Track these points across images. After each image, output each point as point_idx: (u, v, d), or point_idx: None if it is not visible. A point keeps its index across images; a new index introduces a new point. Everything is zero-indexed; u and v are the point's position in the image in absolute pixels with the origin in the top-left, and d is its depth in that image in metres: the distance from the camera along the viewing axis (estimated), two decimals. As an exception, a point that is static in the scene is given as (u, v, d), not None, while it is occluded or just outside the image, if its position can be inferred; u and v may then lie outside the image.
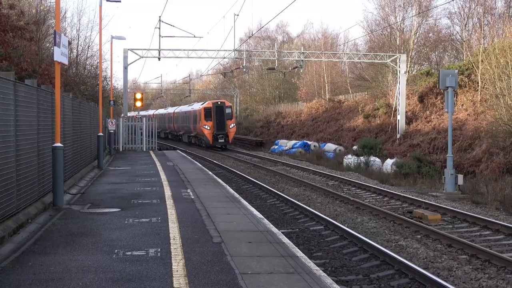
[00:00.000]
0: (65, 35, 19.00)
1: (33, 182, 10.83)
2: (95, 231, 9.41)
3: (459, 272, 9.65)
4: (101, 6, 24.03)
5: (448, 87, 19.44)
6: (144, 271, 6.93)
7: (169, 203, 12.46)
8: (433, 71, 37.75)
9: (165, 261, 7.41)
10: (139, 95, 34.86)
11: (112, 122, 30.45)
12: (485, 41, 34.73)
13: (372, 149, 31.78)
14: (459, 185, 19.17)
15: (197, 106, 46.77)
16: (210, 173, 20.50)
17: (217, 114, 42.04)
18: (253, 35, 59.26)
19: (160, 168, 21.73)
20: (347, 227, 12.78)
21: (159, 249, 8.03)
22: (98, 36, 55.52)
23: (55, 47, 11.74)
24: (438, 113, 34.50)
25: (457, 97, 32.13)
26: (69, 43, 28.23)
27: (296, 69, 43.94)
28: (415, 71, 42.95)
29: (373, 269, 9.74)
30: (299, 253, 8.12)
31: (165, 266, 7.17)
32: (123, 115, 36.61)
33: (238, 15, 35.08)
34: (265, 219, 10.90)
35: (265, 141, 48.94)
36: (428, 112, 35.79)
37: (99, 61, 27.16)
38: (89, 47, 39.85)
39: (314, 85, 54.53)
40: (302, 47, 44.36)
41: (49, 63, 22.06)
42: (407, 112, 36.43)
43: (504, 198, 17.08)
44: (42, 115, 11.66)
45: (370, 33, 47.57)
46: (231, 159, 34.48)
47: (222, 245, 8.39)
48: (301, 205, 15.85)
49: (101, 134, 23.68)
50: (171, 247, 8.16)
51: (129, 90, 45.18)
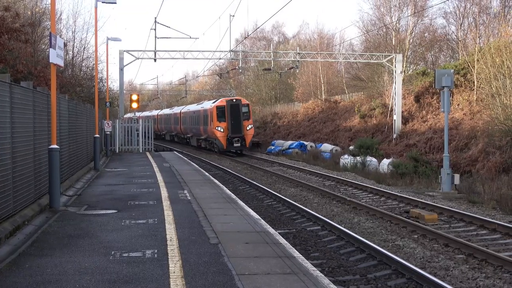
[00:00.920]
0: (60, 37, 18.99)
1: (29, 184, 10.81)
2: (92, 232, 9.41)
3: (456, 271, 9.67)
4: (96, 7, 24.01)
5: (444, 87, 19.48)
6: (141, 273, 6.93)
7: (166, 204, 12.46)
8: (429, 70, 37.82)
9: (162, 262, 7.42)
10: (135, 97, 34.97)
11: (108, 123, 30.46)
12: (481, 41, 34.84)
13: (368, 149, 31.82)
14: (456, 185, 19.21)
15: (208, 104, 41.24)
16: (206, 174, 20.51)
17: (232, 113, 36.83)
18: (248, 36, 59.32)
19: (156, 169, 21.73)
20: (344, 227, 12.81)
21: (156, 250, 8.03)
22: (93, 37, 55.59)
23: (50, 49, 11.73)
24: (434, 113, 34.55)
25: (453, 97, 32.22)
26: (65, 45, 28.19)
27: (292, 70, 43.94)
28: (411, 71, 43.02)
29: (370, 269, 9.76)
30: (296, 253, 8.13)
31: (162, 267, 7.18)
32: (120, 117, 36.58)
33: (233, 16, 35.32)
34: (262, 220, 10.90)
35: (261, 142, 48.88)
36: (424, 111, 35.84)
37: (95, 62, 27.10)
38: (84, 48, 39.77)
39: (310, 86, 54.56)
40: (298, 48, 44.37)
41: (45, 65, 22.01)
42: (403, 112, 36.49)
43: (500, 197, 17.11)
44: (38, 117, 11.65)
45: (365, 33, 47.64)
46: (228, 160, 34.46)
47: (219, 246, 8.40)
48: (298, 205, 15.87)
49: (98, 135, 23.70)
50: (168, 248, 8.16)
51: (125, 91, 45.18)
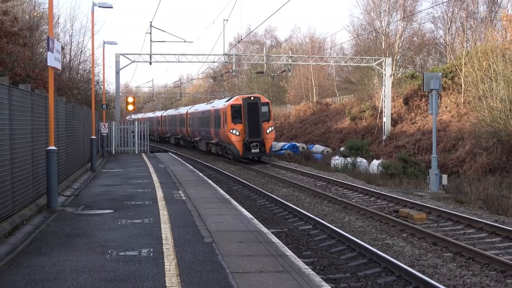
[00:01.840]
0: (58, 40, 19.14)
1: (27, 184, 10.94)
2: (89, 232, 9.53)
3: (444, 269, 9.81)
4: (93, 12, 24.19)
5: (432, 90, 19.70)
6: (137, 271, 7.04)
7: (161, 204, 12.59)
8: (418, 74, 38.18)
9: (158, 261, 7.52)
10: (131, 99, 35.29)
11: (104, 125, 30.63)
12: (468, 45, 35.32)
13: (358, 150, 32.10)
14: (444, 185, 19.45)
15: (220, 104, 35.17)
16: (201, 174, 20.65)
17: (250, 113, 30.83)
18: (242, 39, 59.63)
19: (152, 170, 21.85)
20: (335, 227, 12.92)
21: (152, 249, 8.15)
22: (90, 41, 55.20)
23: (48, 52, 11.87)
24: (422, 115, 34.92)
25: (441, 99, 32.59)
26: (62, 49, 28.34)
27: (284, 73, 44.22)
28: (400, 74, 43.40)
29: (361, 267, 9.88)
30: (289, 252, 8.25)
31: (157, 266, 7.28)
32: (116, 119, 36.71)
33: (227, 20, 35.43)
34: (255, 219, 11.04)
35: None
36: (413, 114, 36.21)
37: (91, 65, 27.32)
38: (81, 52, 39.90)
39: (302, 88, 54.86)
40: (290, 51, 44.56)
41: (43, 68, 22.15)
42: (392, 114, 36.82)
43: (487, 197, 17.39)
44: (36, 119, 11.77)
45: (356, 37, 48.01)
46: (221, 161, 34.61)
47: (213, 245, 8.52)
48: (290, 205, 16.00)
49: (94, 137, 23.84)
50: (164, 247, 8.27)
51: (121, 94, 45.17)
